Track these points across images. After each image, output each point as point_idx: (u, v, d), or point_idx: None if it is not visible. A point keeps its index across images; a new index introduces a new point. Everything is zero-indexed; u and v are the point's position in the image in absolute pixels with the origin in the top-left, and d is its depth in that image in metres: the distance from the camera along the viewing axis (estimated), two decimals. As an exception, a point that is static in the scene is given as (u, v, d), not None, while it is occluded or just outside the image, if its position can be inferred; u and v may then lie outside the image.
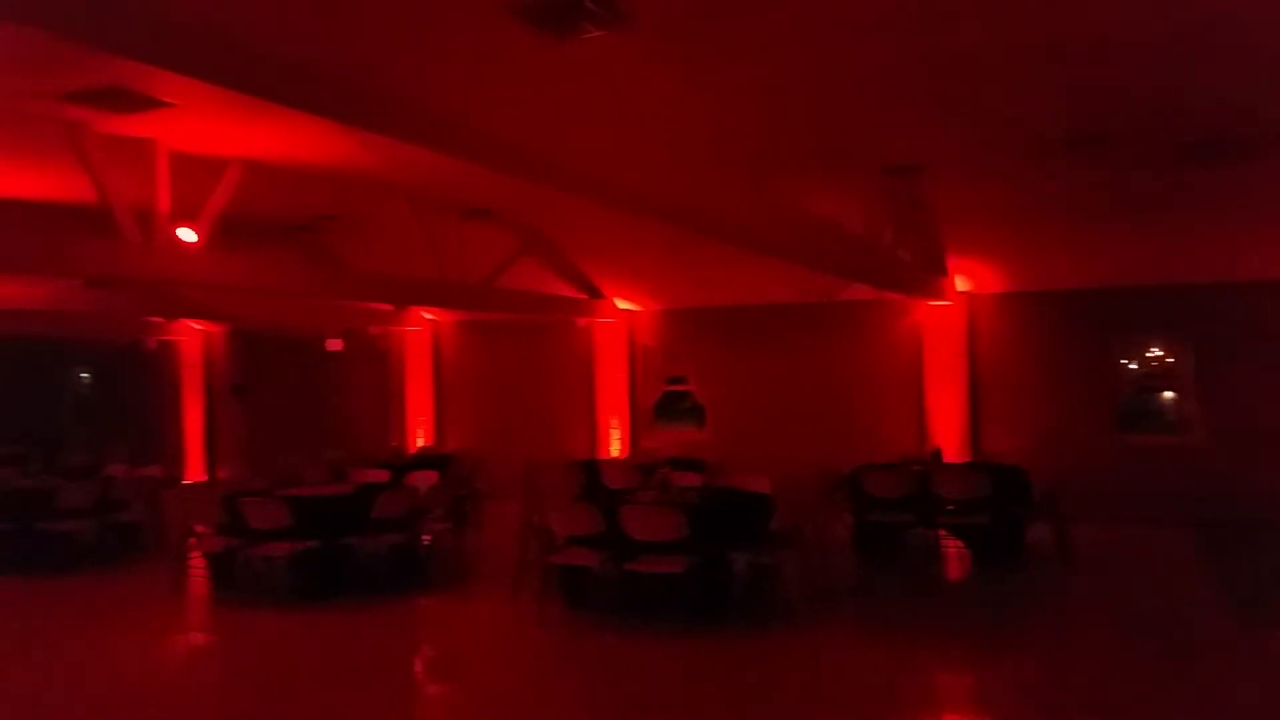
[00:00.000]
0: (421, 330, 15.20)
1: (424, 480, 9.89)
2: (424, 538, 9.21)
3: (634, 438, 13.98)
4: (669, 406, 14.54)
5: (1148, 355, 16.29)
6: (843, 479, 9.64)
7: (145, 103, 6.03)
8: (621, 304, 13.91)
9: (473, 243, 10.76)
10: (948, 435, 11.85)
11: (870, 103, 6.46)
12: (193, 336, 16.98)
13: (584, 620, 7.61)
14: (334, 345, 14.80)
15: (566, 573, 7.79)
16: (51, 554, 9.86)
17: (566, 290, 13.31)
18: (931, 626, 7.42)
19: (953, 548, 9.71)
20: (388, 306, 13.96)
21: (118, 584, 9.39)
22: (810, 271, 9.42)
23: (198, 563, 8.87)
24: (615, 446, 13.92)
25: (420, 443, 15.03)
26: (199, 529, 8.65)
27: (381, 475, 10.50)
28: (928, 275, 10.97)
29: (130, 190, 6.94)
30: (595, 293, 13.60)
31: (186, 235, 7.54)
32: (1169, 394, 15.57)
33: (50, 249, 6.95)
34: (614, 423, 13.99)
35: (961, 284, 11.97)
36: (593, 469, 11.23)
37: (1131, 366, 15.98)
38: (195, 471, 16.81)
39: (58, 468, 12.21)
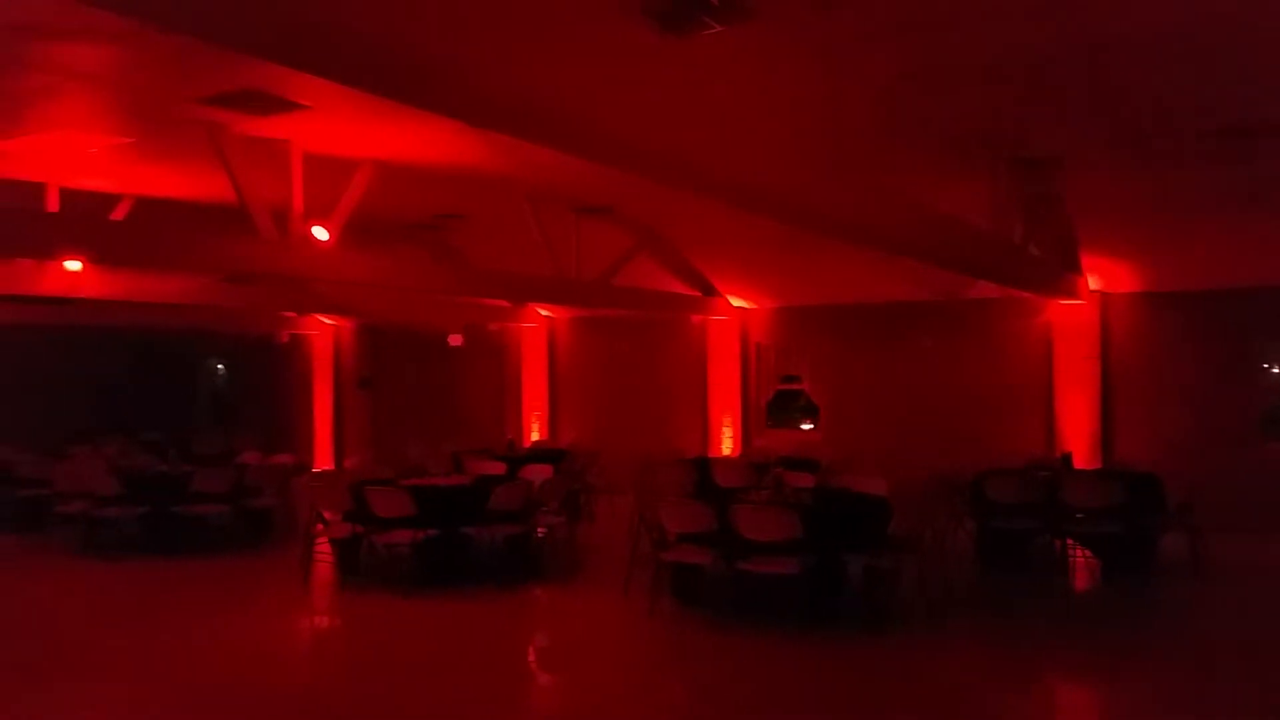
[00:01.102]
0: (537, 326, 15.43)
1: (539, 474, 10.03)
2: (538, 530, 9.35)
3: (746, 436, 13.89)
4: (782, 405, 14.38)
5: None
6: (965, 483, 9.35)
7: (280, 105, 6.28)
8: (735, 301, 13.84)
9: (589, 240, 10.87)
10: (1078, 440, 11.37)
11: (1003, 93, 6.24)
12: (323, 331, 17.66)
13: (694, 617, 7.60)
14: (455, 340, 15.16)
15: (678, 569, 7.78)
16: (188, 536, 10.39)
17: (680, 287, 13.31)
18: (1055, 639, 7.13)
19: (1080, 557, 9.31)
20: (505, 303, 14.22)
21: (249, 566, 9.83)
22: (933, 268, 9.18)
23: (324, 548, 9.21)
24: (727, 444, 13.86)
25: (535, 437, 15.27)
26: (327, 515, 8.97)
27: (498, 468, 10.71)
28: (1059, 273, 10.55)
29: (266, 190, 7.25)
30: (709, 290, 13.56)
31: (319, 233, 7.82)
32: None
33: (192, 246, 7.32)
34: (726, 420, 13.93)
35: (1095, 282, 11.46)
36: (704, 466, 11.18)
37: (1275, 371, 15.04)
38: (324, 460, 17.48)
39: (194, 455, 12.81)
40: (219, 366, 20.37)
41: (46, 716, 5.70)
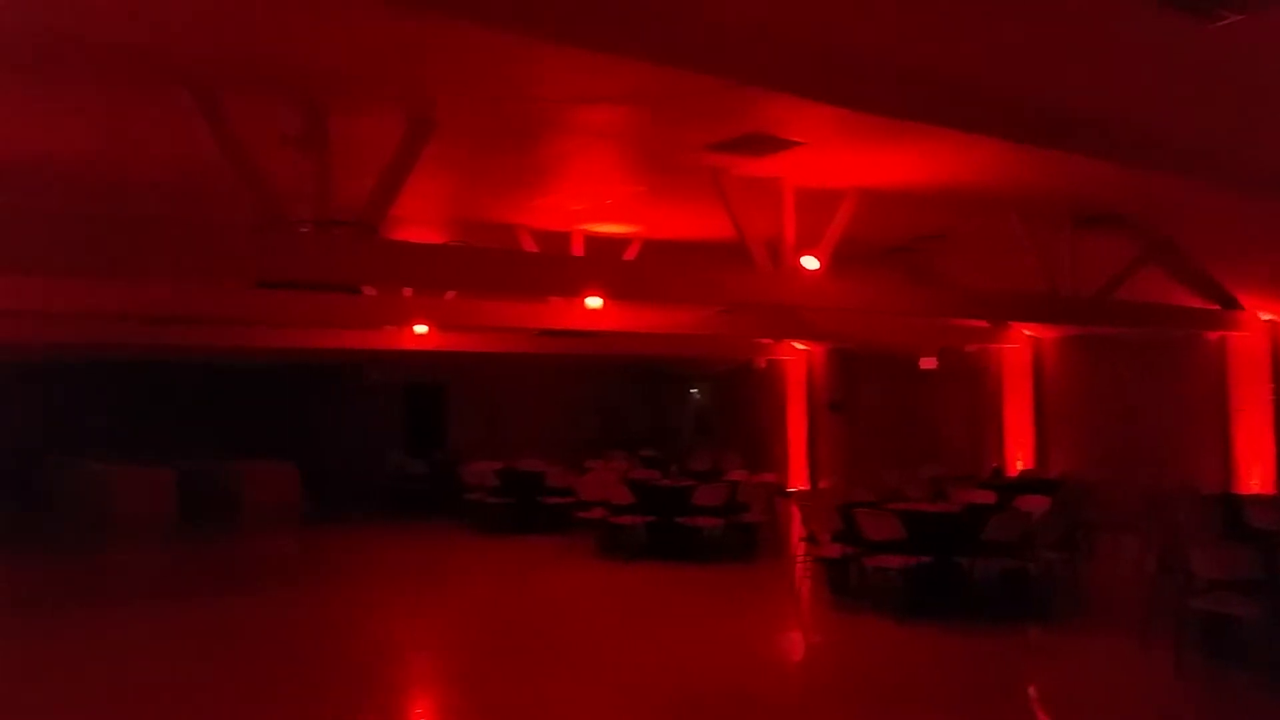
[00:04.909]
0: (1020, 347, 14.56)
1: (1033, 505, 9.43)
2: (1035, 565, 8.77)
3: (1282, 471, 11.86)
4: (1332, 434, 12.09)
5: None
6: None
7: (777, 145, 6.64)
8: (1264, 315, 11.93)
9: (1085, 253, 10.03)
10: None
11: None
12: (796, 356, 18.27)
13: (1234, 678, 6.63)
14: (927, 363, 14.86)
15: (1211, 621, 6.85)
16: (687, 544, 11.29)
17: (1195, 301, 11.78)
18: None
19: None
20: (983, 323, 13.62)
21: (742, 577, 10.46)
22: None
23: (808, 565, 9.47)
24: (1256, 479, 11.95)
25: (1020, 465, 14.40)
26: (820, 535, 9.22)
27: (986, 496, 10.24)
28: None
29: (760, 225, 7.67)
30: (1231, 303, 11.84)
31: (809, 263, 8.11)
32: None
33: (696, 281, 7.97)
34: (1255, 452, 12.02)
35: None
36: (1232, 504, 9.77)
37: None
38: (798, 480, 18.03)
39: (687, 471, 13.91)
40: (692, 390, 21.90)
41: (547, 705, 6.40)
